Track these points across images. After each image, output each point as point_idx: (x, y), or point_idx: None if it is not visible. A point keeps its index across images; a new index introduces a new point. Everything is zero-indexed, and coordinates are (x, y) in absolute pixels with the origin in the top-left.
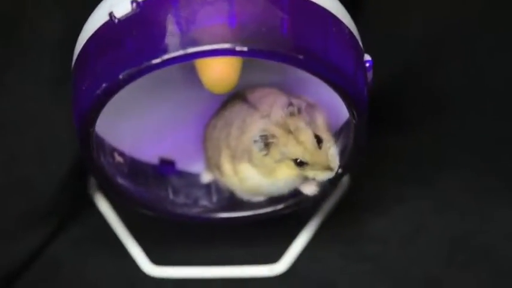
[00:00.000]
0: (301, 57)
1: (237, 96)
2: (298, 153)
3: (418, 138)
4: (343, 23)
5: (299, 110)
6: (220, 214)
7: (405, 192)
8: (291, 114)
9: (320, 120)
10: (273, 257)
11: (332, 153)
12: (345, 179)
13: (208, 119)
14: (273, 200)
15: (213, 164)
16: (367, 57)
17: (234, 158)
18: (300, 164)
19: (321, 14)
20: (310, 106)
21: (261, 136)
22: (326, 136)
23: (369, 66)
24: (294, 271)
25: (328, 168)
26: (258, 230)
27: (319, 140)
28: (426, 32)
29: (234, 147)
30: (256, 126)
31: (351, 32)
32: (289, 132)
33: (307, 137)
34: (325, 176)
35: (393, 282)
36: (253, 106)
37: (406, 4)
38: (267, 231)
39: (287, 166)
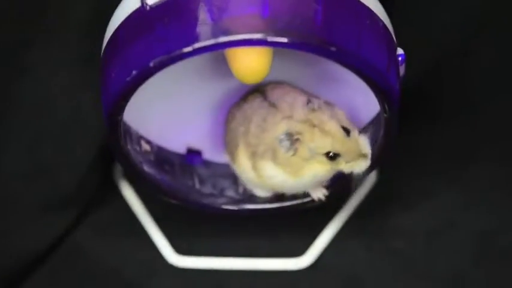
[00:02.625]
0: (333, 49)
1: (257, 90)
2: (327, 145)
3: (448, 133)
4: (377, 16)
5: (319, 106)
6: (246, 205)
7: (433, 187)
8: (312, 110)
9: (341, 115)
10: (298, 250)
11: (362, 140)
12: (373, 173)
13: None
14: (300, 193)
15: (228, 150)
16: (399, 51)
17: (255, 155)
18: (332, 157)
19: (355, 6)
20: (329, 104)
21: (287, 134)
22: (351, 127)
23: (401, 60)
24: (320, 264)
25: (362, 155)
26: (284, 222)
27: (346, 130)
28: (459, 25)
29: (255, 145)
30: (280, 126)
31: (384, 25)
32: (314, 126)
33: (333, 126)
34: (361, 165)
35: (419, 277)
36: (273, 105)
37: None
38: (293, 224)
39: (319, 162)
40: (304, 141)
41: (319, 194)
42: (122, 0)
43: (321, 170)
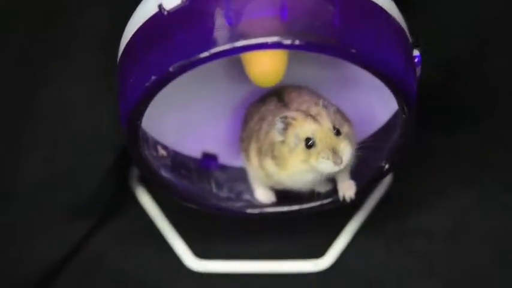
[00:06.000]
0: (353, 51)
1: (275, 93)
2: (310, 130)
3: (465, 134)
4: (394, 17)
5: (325, 106)
6: (264, 209)
7: (450, 188)
8: (316, 104)
9: (346, 127)
10: (317, 252)
11: (345, 146)
12: (390, 174)
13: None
14: (318, 194)
15: (242, 147)
16: (415, 52)
17: (260, 153)
18: (308, 145)
19: (372, 8)
20: (341, 113)
21: (282, 117)
22: (345, 136)
23: (418, 61)
24: (339, 266)
25: (335, 155)
26: (303, 224)
27: (338, 132)
28: (476, 26)
29: (262, 141)
30: (280, 114)
31: (401, 27)
32: (309, 115)
33: (326, 120)
34: (327, 165)
35: (438, 277)
36: (285, 105)
37: None
38: (311, 226)
39: (297, 154)
40: (295, 127)
41: (348, 193)
42: (138, 7)
43: (299, 163)
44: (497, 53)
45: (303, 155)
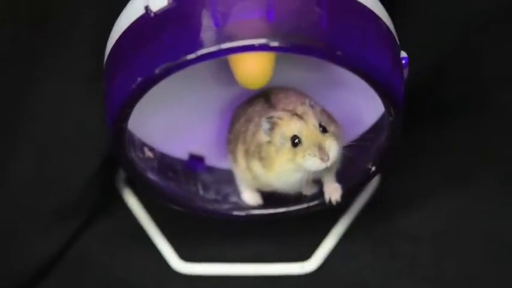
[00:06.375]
0: (339, 53)
1: (262, 95)
2: (296, 128)
3: (452, 133)
4: (381, 19)
5: (311, 106)
6: (251, 211)
7: (437, 189)
8: (302, 104)
9: (333, 127)
10: (304, 254)
11: (331, 142)
12: (377, 175)
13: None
14: (305, 197)
15: (229, 149)
16: (403, 54)
17: (248, 155)
18: (295, 144)
19: (359, 10)
20: (327, 114)
21: (268, 118)
22: (331, 134)
23: (405, 63)
24: (325, 269)
25: (322, 152)
26: (289, 227)
27: (324, 130)
28: (462, 24)
29: (249, 143)
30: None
31: (388, 28)
32: (295, 114)
33: (311, 118)
34: (314, 162)
35: (425, 279)
36: (272, 106)
37: None
38: (298, 229)
39: (284, 153)
40: (281, 126)
41: (334, 195)
42: (125, 8)
43: (286, 162)
44: (486, 48)
45: (290, 154)
